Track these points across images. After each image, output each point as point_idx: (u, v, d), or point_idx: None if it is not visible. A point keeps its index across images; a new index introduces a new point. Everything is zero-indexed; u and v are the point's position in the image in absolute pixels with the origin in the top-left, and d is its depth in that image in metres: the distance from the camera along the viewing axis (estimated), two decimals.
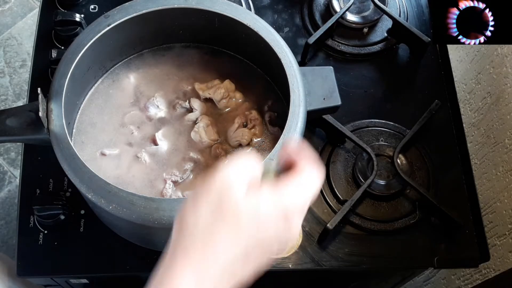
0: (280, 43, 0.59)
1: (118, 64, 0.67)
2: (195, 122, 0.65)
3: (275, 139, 0.62)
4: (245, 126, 0.64)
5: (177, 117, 0.65)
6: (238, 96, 0.66)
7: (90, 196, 0.51)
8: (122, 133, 0.63)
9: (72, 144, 0.53)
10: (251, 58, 0.67)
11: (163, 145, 0.63)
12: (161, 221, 0.50)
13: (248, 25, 0.59)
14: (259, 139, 0.64)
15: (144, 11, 0.59)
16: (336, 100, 0.60)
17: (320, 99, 0.60)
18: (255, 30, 0.59)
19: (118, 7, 0.60)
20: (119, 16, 0.59)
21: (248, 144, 0.64)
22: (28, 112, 0.51)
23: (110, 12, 0.59)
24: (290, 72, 0.57)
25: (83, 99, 0.64)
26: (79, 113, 0.63)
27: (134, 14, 0.59)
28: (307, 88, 0.58)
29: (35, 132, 0.53)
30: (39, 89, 0.52)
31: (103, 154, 0.62)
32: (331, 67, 0.62)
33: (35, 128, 0.52)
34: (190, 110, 0.66)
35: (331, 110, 0.61)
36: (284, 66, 0.57)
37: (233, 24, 0.60)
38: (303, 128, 0.55)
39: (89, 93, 0.65)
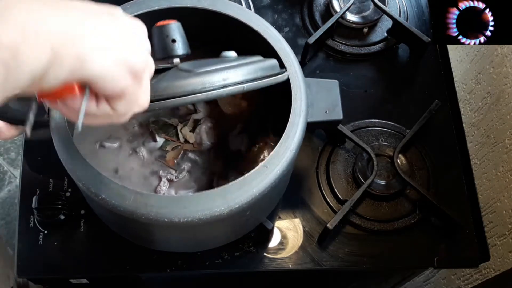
0: (288, 52, 0.58)
1: None
2: (197, 123, 0.65)
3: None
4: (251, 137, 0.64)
5: (180, 116, 0.65)
6: (243, 101, 0.66)
7: (81, 185, 0.51)
8: (123, 127, 0.63)
9: (69, 132, 0.53)
10: None
11: (163, 142, 0.63)
12: (149, 217, 0.50)
13: (258, 31, 0.59)
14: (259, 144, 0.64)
15: (156, 8, 0.59)
16: (338, 115, 0.60)
17: (322, 111, 0.59)
18: (265, 37, 0.59)
19: (131, 1, 0.60)
20: (131, 11, 0.59)
21: (248, 151, 0.63)
22: (32, 97, 0.52)
23: (123, 6, 0.59)
24: (295, 82, 0.57)
25: None
26: None
27: (147, 10, 0.59)
28: (310, 99, 0.58)
29: (36, 116, 0.53)
30: None
31: (102, 146, 0.62)
32: (336, 81, 0.61)
33: (36, 111, 0.53)
34: (194, 110, 0.66)
35: (332, 124, 0.61)
36: (289, 76, 0.57)
37: (243, 30, 0.60)
38: (301, 138, 0.55)
39: None
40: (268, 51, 0.59)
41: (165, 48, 0.53)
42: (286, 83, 0.57)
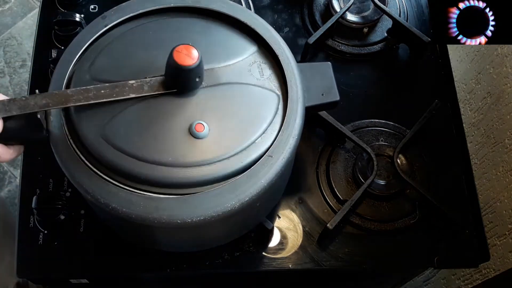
0: (277, 39, 0.59)
1: None
2: None
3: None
4: None
5: None
6: None
7: (89, 197, 0.51)
8: None
9: (71, 145, 0.52)
10: None
11: None
12: (161, 220, 0.50)
13: (245, 22, 0.59)
14: None
15: (141, 11, 0.59)
16: (335, 96, 0.60)
17: (318, 95, 0.59)
18: (253, 27, 0.59)
19: (115, 7, 0.60)
20: (116, 17, 0.59)
21: None
22: (28, 114, 0.51)
23: (107, 13, 0.59)
24: (288, 68, 0.57)
25: None
26: None
27: (131, 14, 0.59)
28: (305, 84, 0.58)
29: (34, 134, 0.53)
30: (37, 91, 0.52)
31: None
32: (329, 62, 0.61)
33: (34, 129, 0.52)
34: None
35: (330, 106, 0.61)
36: (282, 63, 0.57)
37: (230, 23, 0.60)
38: (301, 124, 0.55)
39: None
40: (258, 41, 0.59)
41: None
42: (280, 70, 0.57)
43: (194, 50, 0.50)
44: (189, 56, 0.50)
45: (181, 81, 0.52)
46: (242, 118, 0.54)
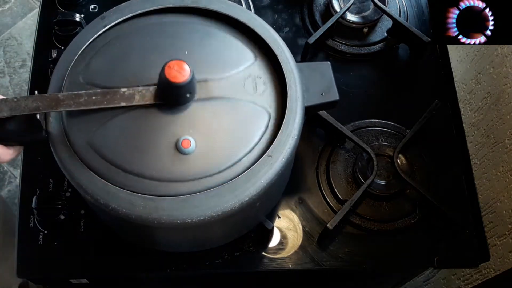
0: (276, 39, 0.59)
1: None
2: None
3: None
4: None
5: None
6: None
7: (89, 198, 0.51)
8: None
9: (70, 146, 0.52)
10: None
11: None
12: (161, 221, 0.50)
13: (244, 22, 0.59)
14: None
15: (140, 11, 0.59)
16: (334, 96, 0.60)
17: (318, 94, 0.59)
18: (251, 27, 0.59)
19: (114, 8, 0.60)
20: (115, 17, 0.59)
21: None
22: (27, 115, 0.51)
23: (106, 13, 0.59)
24: (287, 68, 0.57)
25: None
26: None
27: (130, 15, 0.59)
28: (305, 84, 0.58)
29: (34, 135, 0.53)
30: (36, 92, 0.51)
31: None
32: (328, 62, 0.61)
33: (34, 130, 0.52)
34: None
35: (330, 105, 0.61)
36: (281, 62, 0.57)
37: (230, 23, 0.60)
38: (301, 124, 0.55)
39: None
40: (257, 40, 0.59)
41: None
42: (279, 71, 0.57)
43: (186, 66, 0.50)
44: (180, 73, 0.50)
45: (171, 96, 0.52)
46: (231, 136, 0.54)
